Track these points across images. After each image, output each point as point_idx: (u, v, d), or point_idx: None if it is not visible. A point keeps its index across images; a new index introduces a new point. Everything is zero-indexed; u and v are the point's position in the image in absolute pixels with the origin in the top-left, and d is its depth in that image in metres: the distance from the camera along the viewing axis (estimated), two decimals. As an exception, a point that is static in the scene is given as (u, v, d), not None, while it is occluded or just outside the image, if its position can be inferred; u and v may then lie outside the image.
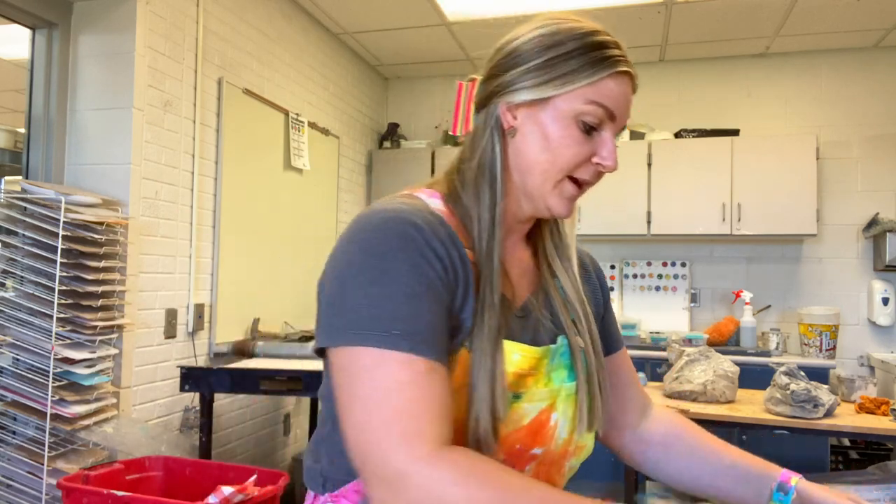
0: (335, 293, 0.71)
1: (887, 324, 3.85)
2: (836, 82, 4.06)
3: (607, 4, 3.45)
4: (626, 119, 0.82)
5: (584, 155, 0.79)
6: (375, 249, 0.70)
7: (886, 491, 2.32)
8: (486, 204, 0.78)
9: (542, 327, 0.84)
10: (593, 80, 0.77)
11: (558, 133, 0.78)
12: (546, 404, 0.80)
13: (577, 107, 0.77)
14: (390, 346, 0.66)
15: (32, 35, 2.42)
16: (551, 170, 0.79)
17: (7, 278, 2.16)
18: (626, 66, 0.80)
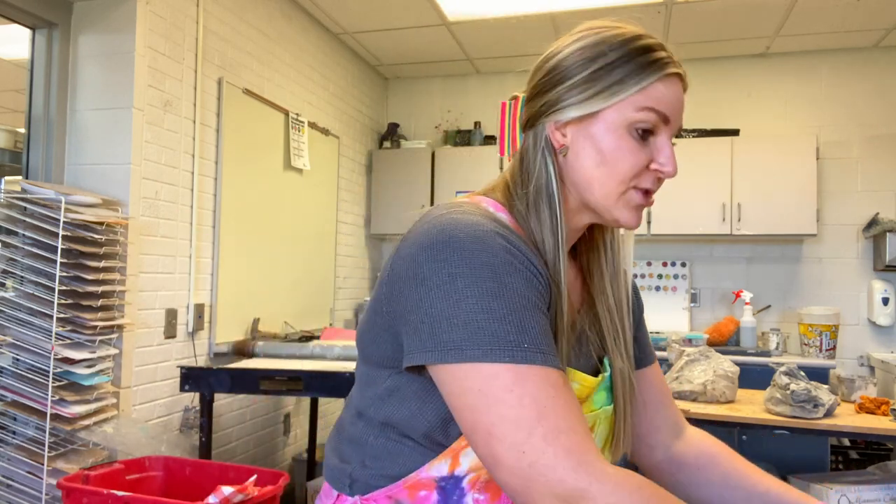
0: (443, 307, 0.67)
1: (887, 324, 3.85)
2: (836, 82, 4.06)
3: (607, 4, 3.45)
4: (681, 121, 0.79)
5: (642, 163, 0.77)
6: (485, 262, 0.68)
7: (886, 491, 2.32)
8: (548, 227, 0.77)
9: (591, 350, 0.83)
10: (642, 85, 0.75)
11: (612, 145, 0.76)
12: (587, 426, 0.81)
13: (629, 115, 0.75)
14: (525, 361, 0.64)
15: (32, 35, 2.42)
16: (610, 183, 0.77)
17: (7, 278, 2.16)
18: (675, 68, 0.77)
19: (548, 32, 3.89)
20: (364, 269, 4.43)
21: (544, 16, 3.64)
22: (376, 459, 0.79)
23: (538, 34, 3.92)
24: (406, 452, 0.77)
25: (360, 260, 4.36)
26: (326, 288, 3.85)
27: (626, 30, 0.78)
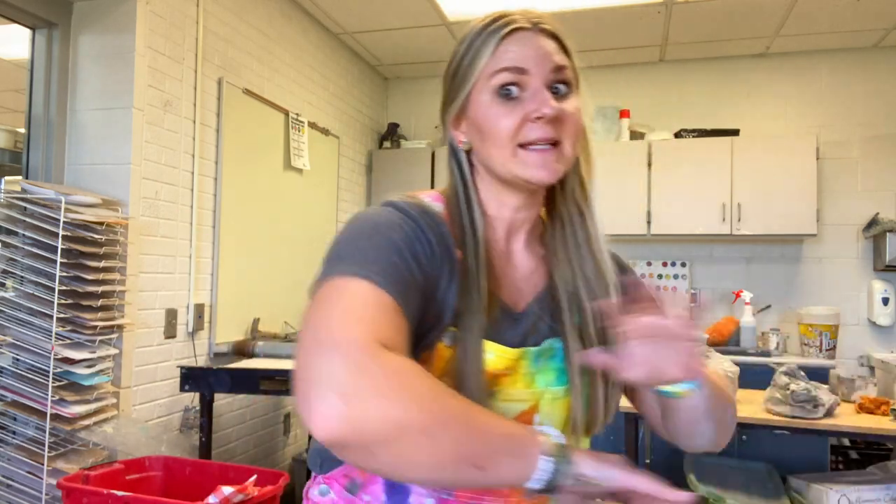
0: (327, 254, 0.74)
1: (887, 324, 3.85)
2: (836, 82, 4.06)
3: (607, 4, 3.45)
4: (550, 62, 0.80)
5: (517, 119, 0.78)
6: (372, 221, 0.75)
7: (886, 491, 2.32)
8: (461, 221, 0.82)
9: (538, 330, 0.83)
10: (489, 53, 0.79)
11: (486, 115, 0.79)
12: (527, 406, 0.80)
13: (488, 84, 0.79)
14: (364, 277, 0.67)
15: (32, 35, 2.42)
16: (496, 150, 0.80)
17: (7, 278, 2.16)
18: (518, 24, 0.80)
19: (548, 32, 3.89)
20: (364, 269, 4.43)
21: (546, 15, 3.63)
22: None
23: (538, 34, 3.92)
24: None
25: (360, 260, 4.36)
26: (326, 288, 3.83)
27: (485, 16, 0.83)
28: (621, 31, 3.86)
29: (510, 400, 0.79)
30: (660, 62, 4.35)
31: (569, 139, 0.80)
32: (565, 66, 0.81)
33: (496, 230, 0.86)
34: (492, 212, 0.85)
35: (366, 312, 0.64)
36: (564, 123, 0.79)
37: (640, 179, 3.98)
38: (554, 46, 0.81)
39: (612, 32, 3.87)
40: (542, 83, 0.79)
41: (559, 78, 0.80)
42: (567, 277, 0.85)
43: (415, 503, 0.76)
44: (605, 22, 3.72)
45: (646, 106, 4.34)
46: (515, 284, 0.85)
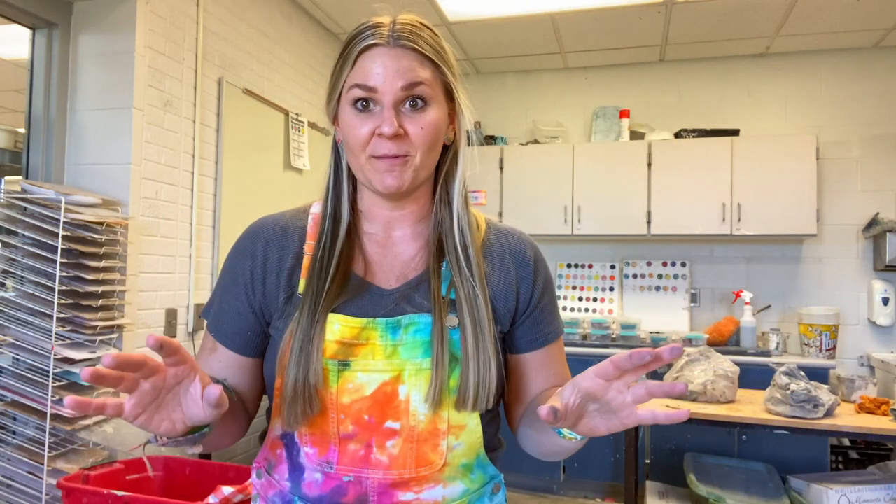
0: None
1: (887, 324, 3.86)
2: (836, 82, 4.06)
3: (607, 4, 3.45)
4: (401, 79, 0.82)
5: (366, 132, 0.84)
6: (229, 252, 0.95)
7: (886, 491, 2.32)
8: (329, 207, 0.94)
9: (399, 305, 0.87)
10: (350, 68, 0.84)
11: (346, 124, 0.86)
12: (388, 376, 0.83)
13: (346, 96, 0.85)
14: (206, 318, 0.94)
15: (32, 35, 2.42)
16: (353, 158, 0.87)
17: (7, 278, 2.16)
18: (374, 40, 0.83)
19: (548, 32, 3.89)
20: (364, 269, 4.43)
21: (544, 16, 3.64)
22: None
23: (538, 34, 3.92)
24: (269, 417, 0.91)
25: (360, 260, 4.36)
26: (326, 288, 3.84)
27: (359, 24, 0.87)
28: (621, 31, 3.86)
29: (370, 370, 0.83)
30: (660, 62, 4.36)
31: (420, 150, 0.85)
32: (420, 82, 0.83)
33: (372, 223, 0.93)
34: (364, 206, 0.94)
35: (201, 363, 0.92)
36: (412, 138, 0.84)
37: (640, 179, 3.99)
38: (412, 61, 0.84)
39: (612, 32, 3.87)
40: (391, 101, 0.82)
41: (412, 94, 0.83)
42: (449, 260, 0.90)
43: (308, 478, 0.85)
44: (605, 22, 3.72)
45: (646, 106, 4.35)
46: (392, 268, 0.91)
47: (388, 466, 0.83)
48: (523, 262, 0.94)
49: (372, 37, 0.83)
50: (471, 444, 0.86)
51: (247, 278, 0.90)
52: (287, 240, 0.92)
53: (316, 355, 0.81)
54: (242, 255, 0.92)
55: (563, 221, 4.07)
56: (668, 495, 2.93)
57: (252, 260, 0.91)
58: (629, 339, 3.93)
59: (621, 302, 4.32)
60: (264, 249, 0.91)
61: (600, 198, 4.05)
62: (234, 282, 0.91)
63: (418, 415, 0.83)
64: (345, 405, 0.83)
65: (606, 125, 4.31)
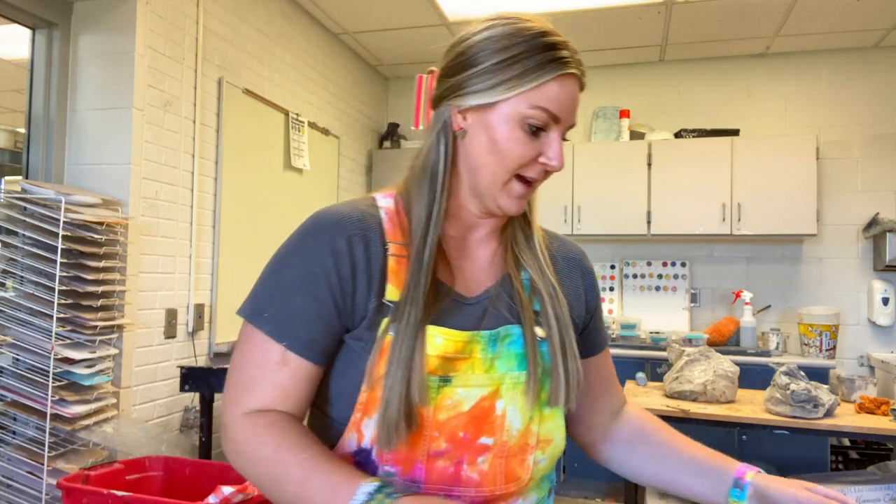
0: (263, 272, 0.84)
1: (887, 324, 3.85)
2: (836, 82, 4.06)
3: (607, 4, 3.45)
4: (573, 119, 0.82)
5: (530, 155, 0.80)
6: (289, 245, 0.82)
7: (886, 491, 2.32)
8: (424, 202, 0.83)
9: (494, 316, 0.84)
10: (538, 83, 0.78)
11: (504, 136, 0.79)
12: (487, 391, 0.80)
13: (523, 111, 0.78)
14: (257, 325, 0.81)
15: (32, 35, 2.42)
16: (498, 170, 0.81)
17: (7, 278, 2.16)
18: (573, 68, 0.80)
19: (548, 32, 3.89)
20: (364, 269, 4.43)
21: (544, 16, 3.63)
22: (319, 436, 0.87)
23: (538, 34, 3.92)
24: (328, 432, 0.83)
25: (360, 260, 4.36)
26: (326, 288, 3.84)
27: (533, 24, 0.81)
28: (621, 31, 3.86)
29: (470, 385, 0.80)
30: (660, 62, 4.35)
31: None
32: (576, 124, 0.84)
33: (453, 226, 0.87)
34: (453, 210, 0.87)
35: (250, 381, 0.80)
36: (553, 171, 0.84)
37: (640, 179, 3.99)
38: (578, 101, 0.83)
39: (612, 32, 3.87)
40: (561, 133, 0.82)
41: (568, 132, 0.84)
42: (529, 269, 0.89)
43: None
44: (605, 22, 3.72)
45: (646, 106, 4.35)
46: (472, 274, 0.87)
47: (479, 483, 0.79)
48: (586, 269, 0.98)
49: (570, 65, 0.80)
50: (553, 457, 0.86)
51: (332, 278, 0.79)
52: (370, 238, 0.81)
53: (419, 371, 0.76)
54: (320, 251, 0.79)
55: (563, 221, 4.07)
56: (669, 495, 2.93)
57: (335, 257, 0.79)
58: (629, 339, 3.93)
59: (621, 302, 4.32)
60: (349, 247, 0.80)
61: (600, 198, 4.05)
62: (314, 281, 0.79)
63: (512, 430, 0.81)
64: (441, 422, 0.78)
65: (606, 125, 4.31)
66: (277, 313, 0.79)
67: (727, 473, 0.88)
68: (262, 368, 0.79)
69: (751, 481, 0.86)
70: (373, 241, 0.81)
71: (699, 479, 0.91)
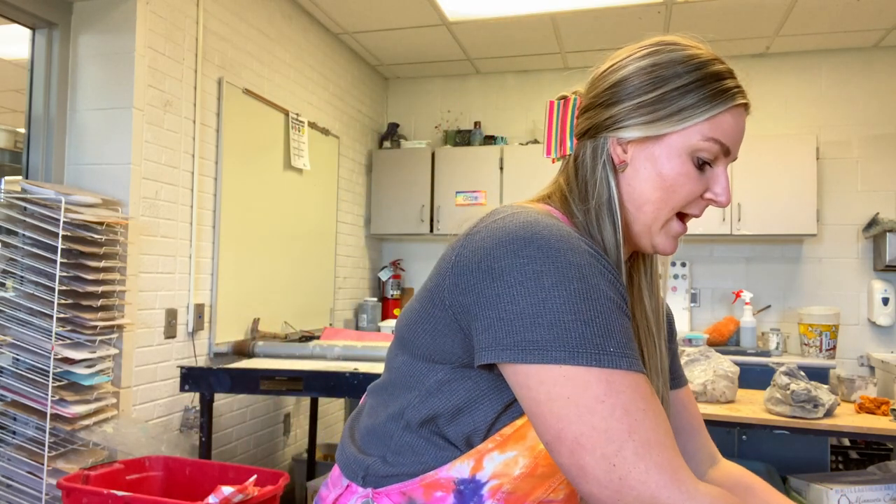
0: (526, 304, 0.65)
1: (887, 324, 3.85)
2: (836, 82, 4.06)
3: (607, 4, 3.45)
4: (738, 151, 0.78)
5: (699, 191, 0.76)
6: (572, 261, 0.67)
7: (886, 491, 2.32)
8: (610, 241, 0.76)
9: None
10: (712, 115, 0.73)
11: (674, 171, 0.75)
12: None
13: (694, 143, 0.74)
14: (612, 365, 0.64)
15: (32, 35, 2.42)
16: (664, 207, 0.76)
17: (7, 278, 2.16)
18: (743, 98, 0.76)
19: (548, 32, 3.89)
20: (364, 269, 4.43)
21: (544, 16, 3.64)
22: (398, 455, 0.78)
23: (538, 34, 3.92)
24: (431, 450, 0.75)
25: (359, 260, 4.36)
26: (326, 288, 3.84)
27: (699, 51, 0.76)
28: (621, 31, 3.86)
29: None
30: (660, 62, 4.35)
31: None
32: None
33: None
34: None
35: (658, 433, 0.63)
36: None
37: (640, 179, 3.98)
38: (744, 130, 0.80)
39: (612, 32, 3.87)
40: (727, 165, 0.77)
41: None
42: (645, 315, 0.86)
43: None
44: (605, 22, 3.72)
45: (646, 106, 4.34)
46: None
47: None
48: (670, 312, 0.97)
49: (742, 95, 0.76)
50: None
51: (625, 298, 0.71)
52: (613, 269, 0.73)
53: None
54: (604, 274, 0.69)
55: (563, 221, 4.07)
56: None
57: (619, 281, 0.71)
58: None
59: (621, 302, 4.31)
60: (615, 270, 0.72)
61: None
62: (618, 300, 0.69)
63: None
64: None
65: (606, 125, 4.31)
66: (623, 343, 0.66)
67: None
68: (650, 411, 0.64)
69: None
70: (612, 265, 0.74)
71: None
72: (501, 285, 0.67)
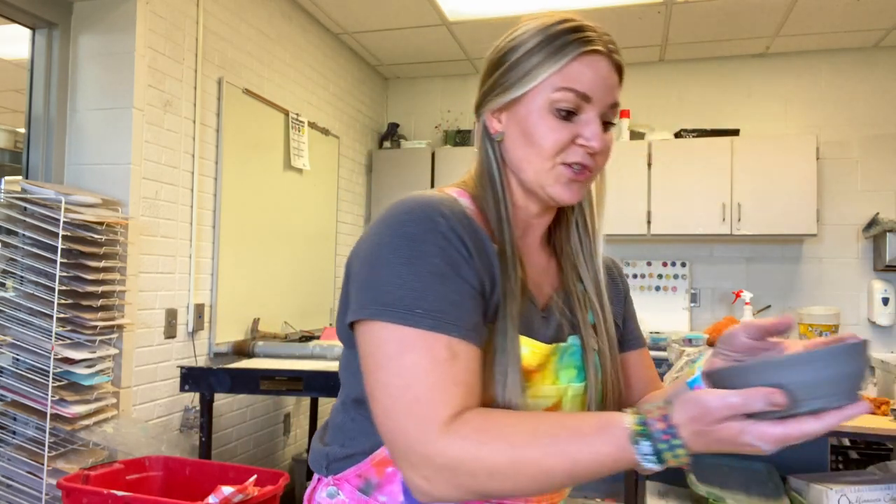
0: (368, 272, 0.74)
1: (887, 324, 3.85)
2: (836, 82, 4.06)
3: (607, 4, 3.45)
4: (610, 98, 0.80)
5: (566, 139, 0.79)
6: (407, 232, 0.73)
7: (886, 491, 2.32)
8: (492, 205, 0.82)
9: (563, 328, 0.85)
10: (558, 66, 0.77)
11: (537, 126, 0.79)
12: (551, 402, 0.80)
13: (549, 96, 0.78)
14: (413, 324, 0.69)
15: (32, 35, 2.42)
16: (537, 160, 0.80)
17: (7, 278, 2.16)
18: (596, 46, 0.79)
19: (548, 32, 3.89)
20: (364, 269, 4.43)
21: (550, 15, 3.63)
22: (353, 439, 0.82)
23: (538, 34, 3.92)
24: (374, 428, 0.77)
25: (360, 260, 4.36)
26: (326, 288, 3.84)
27: (553, 17, 0.81)
28: (621, 31, 3.86)
29: (538, 396, 0.79)
30: (660, 62, 4.35)
31: (599, 170, 0.83)
32: (618, 103, 0.81)
33: (514, 227, 0.85)
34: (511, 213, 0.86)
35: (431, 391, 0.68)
36: (602, 156, 0.81)
37: (641, 179, 3.99)
38: (616, 80, 0.81)
39: (612, 32, 3.84)
40: (598, 114, 0.79)
41: (611, 114, 0.81)
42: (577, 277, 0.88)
43: None
44: (605, 22, 3.66)
45: (646, 106, 4.34)
46: (535, 280, 0.86)
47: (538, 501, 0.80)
48: (620, 274, 0.98)
49: (593, 41, 0.78)
50: None
51: (472, 263, 0.74)
52: (477, 232, 0.78)
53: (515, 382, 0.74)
54: (448, 239, 0.73)
55: (563, 221, 4.07)
56: (668, 495, 2.93)
57: (462, 243, 0.74)
58: (629, 339, 3.93)
59: (621, 302, 4.31)
60: (471, 237, 0.76)
61: (600, 198, 4.05)
62: (455, 265, 0.73)
63: None
64: None
65: (606, 125, 4.31)
66: (434, 307, 0.70)
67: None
68: (436, 371, 0.68)
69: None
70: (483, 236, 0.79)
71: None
72: (358, 261, 0.76)
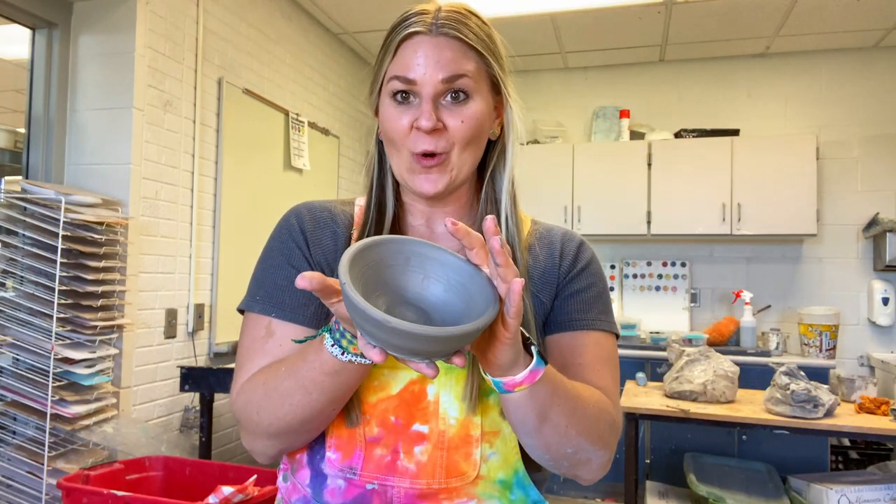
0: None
1: (887, 324, 3.85)
2: (836, 82, 4.06)
3: (607, 4, 3.45)
4: (444, 71, 0.77)
5: (405, 125, 0.79)
6: (272, 233, 0.89)
7: (886, 491, 2.32)
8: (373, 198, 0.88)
9: None
10: (390, 58, 0.80)
11: (383, 116, 0.82)
12: (416, 375, 0.78)
13: (387, 86, 0.81)
14: (250, 309, 0.85)
15: (32, 35, 2.42)
16: (395, 154, 0.82)
17: (7, 278, 2.16)
18: (415, 28, 0.78)
19: (548, 32, 3.89)
20: (364, 269, 4.43)
21: (544, 16, 3.64)
22: None
23: (538, 34, 3.92)
24: None
25: (360, 260, 4.36)
26: (326, 288, 3.83)
27: (402, 13, 0.82)
28: (621, 31, 3.86)
29: (397, 368, 0.79)
30: (660, 62, 4.35)
31: (458, 145, 0.79)
32: (462, 74, 0.78)
33: (415, 216, 0.88)
34: (407, 199, 0.89)
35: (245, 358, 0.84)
36: (451, 132, 0.78)
37: (640, 179, 3.99)
38: (454, 52, 0.78)
39: (612, 32, 3.87)
40: (430, 93, 0.77)
41: (453, 87, 0.78)
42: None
43: (331, 485, 0.81)
44: (605, 22, 3.72)
45: (646, 106, 4.35)
46: None
47: (416, 475, 0.77)
48: (568, 248, 0.91)
49: (414, 24, 0.78)
50: (506, 455, 0.81)
51: (305, 251, 0.85)
52: (336, 224, 0.88)
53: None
54: (290, 233, 0.86)
55: (562, 221, 4.08)
56: (668, 495, 2.93)
57: (303, 236, 0.86)
58: (629, 339, 3.93)
59: (621, 302, 4.32)
60: (314, 229, 0.86)
61: (600, 198, 4.05)
62: (289, 255, 0.85)
63: (448, 418, 0.78)
64: (371, 404, 0.79)
65: (606, 125, 4.31)
66: (266, 292, 0.84)
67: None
68: (252, 347, 0.84)
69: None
70: (339, 227, 0.88)
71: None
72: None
